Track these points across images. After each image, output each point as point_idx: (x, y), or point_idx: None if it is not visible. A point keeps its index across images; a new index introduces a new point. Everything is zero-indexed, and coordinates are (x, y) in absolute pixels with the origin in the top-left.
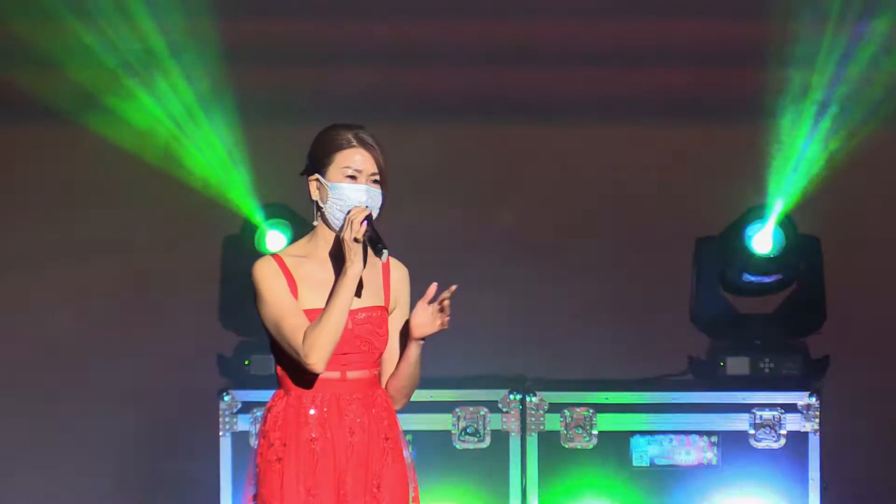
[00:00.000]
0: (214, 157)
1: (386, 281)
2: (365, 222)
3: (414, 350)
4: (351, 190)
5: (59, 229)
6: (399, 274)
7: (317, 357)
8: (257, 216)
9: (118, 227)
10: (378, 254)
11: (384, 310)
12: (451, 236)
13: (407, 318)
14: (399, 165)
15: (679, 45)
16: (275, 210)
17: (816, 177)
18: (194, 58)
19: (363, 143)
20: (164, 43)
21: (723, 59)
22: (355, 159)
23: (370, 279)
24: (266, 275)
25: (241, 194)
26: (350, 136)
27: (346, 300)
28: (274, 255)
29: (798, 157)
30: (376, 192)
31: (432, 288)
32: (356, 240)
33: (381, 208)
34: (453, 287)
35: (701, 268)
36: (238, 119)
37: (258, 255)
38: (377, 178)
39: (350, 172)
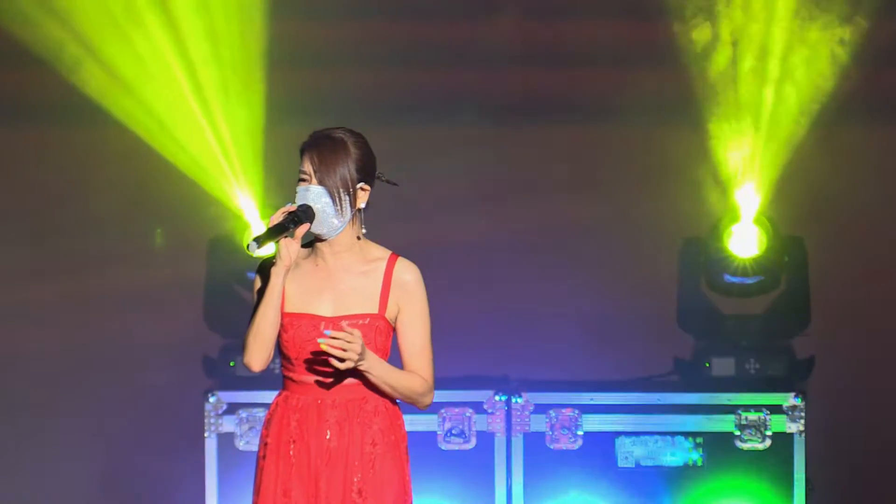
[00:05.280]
0: (205, 158)
1: (385, 288)
2: (285, 217)
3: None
4: (297, 196)
5: (43, 231)
6: (402, 278)
7: (247, 357)
8: (251, 216)
9: (106, 227)
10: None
11: (376, 317)
12: (437, 237)
13: (418, 319)
14: (388, 166)
15: (664, 47)
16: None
17: (797, 177)
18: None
19: (309, 144)
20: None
21: (708, 58)
22: (303, 163)
23: (361, 287)
24: (259, 273)
25: (238, 193)
26: (306, 140)
27: (268, 299)
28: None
29: (772, 156)
30: (316, 190)
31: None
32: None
33: (338, 204)
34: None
35: (686, 268)
36: (234, 119)
37: (244, 256)
38: (318, 176)
39: (300, 177)
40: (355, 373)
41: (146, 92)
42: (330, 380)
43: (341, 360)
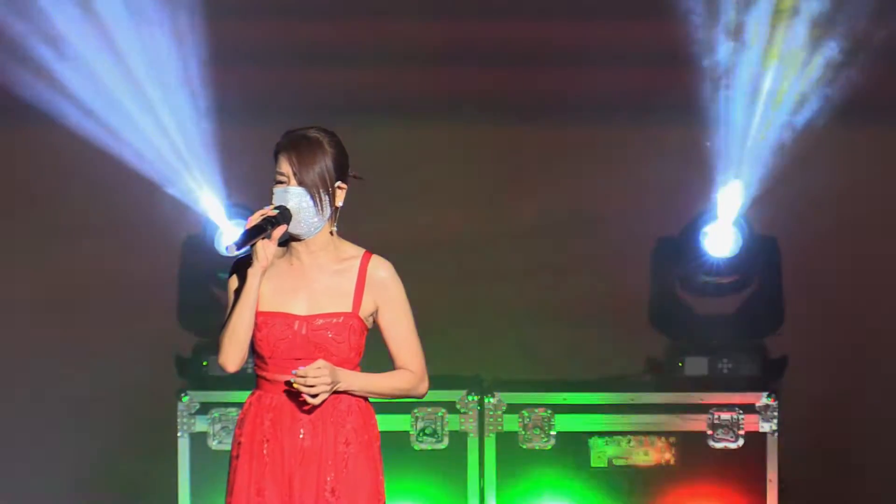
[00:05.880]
0: (178, 156)
1: (359, 287)
2: (263, 219)
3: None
4: (274, 196)
5: (14, 228)
6: (377, 276)
7: (222, 357)
8: (220, 216)
9: (77, 226)
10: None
11: (350, 316)
12: (409, 236)
13: (400, 313)
14: (360, 164)
15: (638, 45)
16: (238, 210)
17: (770, 177)
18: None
19: (286, 146)
20: (141, 38)
21: (682, 58)
22: (280, 164)
23: (335, 285)
24: (234, 273)
25: (206, 193)
26: (281, 141)
27: (244, 300)
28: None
29: (746, 156)
30: (295, 191)
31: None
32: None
33: (318, 204)
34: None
35: (659, 268)
36: (206, 118)
37: (216, 256)
38: (297, 177)
39: (277, 178)
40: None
41: (90, 97)
42: None
43: (314, 395)
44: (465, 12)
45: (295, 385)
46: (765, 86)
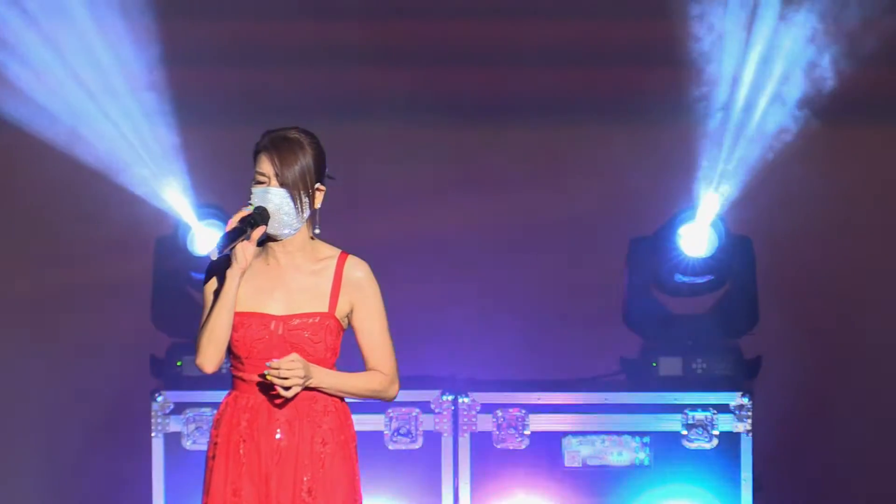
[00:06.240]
0: (149, 157)
1: (335, 287)
2: (242, 222)
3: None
4: (254, 196)
5: None
6: (353, 276)
7: (200, 358)
8: (190, 217)
9: (50, 226)
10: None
11: (327, 316)
12: (382, 236)
13: (374, 314)
14: (331, 164)
15: (609, 45)
16: (209, 211)
17: (746, 176)
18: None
19: (267, 146)
20: (101, 41)
21: (656, 58)
22: (260, 164)
23: (312, 285)
24: (212, 274)
25: (176, 195)
26: (262, 141)
27: (223, 301)
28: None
29: (726, 157)
30: (276, 192)
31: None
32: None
33: (299, 205)
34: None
35: (634, 268)
36: (175, 120)
37: (190, 255)
38: (279, 178)
39: (257, 178)
40: None
41: (53, 101)
42: None
43: (287, 388)
44: (442, 11)
45: (268, 377)
46: (743, 87)
